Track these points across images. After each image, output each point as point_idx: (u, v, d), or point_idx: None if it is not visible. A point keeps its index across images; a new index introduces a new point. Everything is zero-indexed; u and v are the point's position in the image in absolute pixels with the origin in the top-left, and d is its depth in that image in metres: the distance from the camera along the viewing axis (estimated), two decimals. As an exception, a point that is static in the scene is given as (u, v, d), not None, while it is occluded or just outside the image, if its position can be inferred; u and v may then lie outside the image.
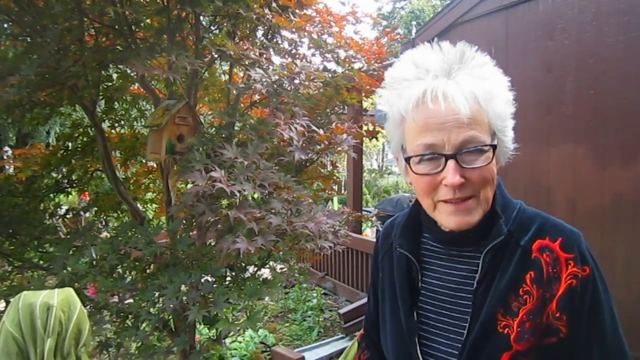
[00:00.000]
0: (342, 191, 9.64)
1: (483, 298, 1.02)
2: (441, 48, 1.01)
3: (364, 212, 6.56)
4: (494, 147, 0.98)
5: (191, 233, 2.49)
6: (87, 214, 3.48)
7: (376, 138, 3.81)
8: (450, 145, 0.95)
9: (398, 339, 1.15)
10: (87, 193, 3.74)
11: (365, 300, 4.93)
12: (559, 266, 0.98)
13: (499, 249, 1.02)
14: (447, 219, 1.02)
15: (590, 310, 0.97)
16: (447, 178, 0.96)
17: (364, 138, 3.74)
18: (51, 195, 3.26)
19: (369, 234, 9.28)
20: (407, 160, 1.02)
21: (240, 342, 4.86)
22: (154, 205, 3.81)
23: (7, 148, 10.30)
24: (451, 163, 0.95)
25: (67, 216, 3.35)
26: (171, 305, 2.04)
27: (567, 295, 0.96)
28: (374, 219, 4.42)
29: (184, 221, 2.46)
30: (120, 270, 2.43)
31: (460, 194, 0.97)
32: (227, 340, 4.73)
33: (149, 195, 3.67)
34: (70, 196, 3.54)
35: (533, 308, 0.97)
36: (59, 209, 3.37)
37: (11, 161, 3.47)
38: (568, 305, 0.96)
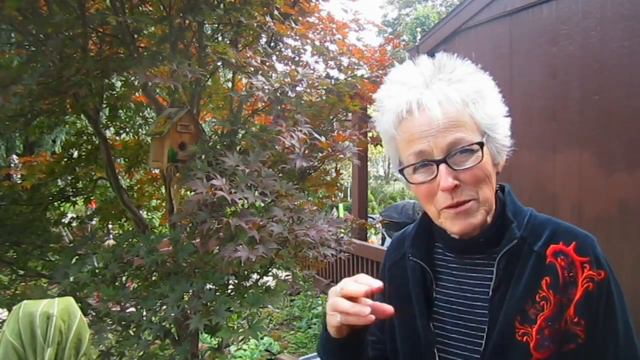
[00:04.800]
0: (348, 198, 9.63)
1: (499, 306, 1.01)
2: (419, 62, 1.04)
3: (369, 219, 6.55)
4: (482, 144, 0.98)
5: (195, 241, 2.48)
6: (94, 222, 3.49)
7: (381, 145, 3.79)
8: (438, 150, 0.97)
9: (413, 350, 1.14)
10: (93, 201, 3.74)
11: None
12: (575, 270, 0.97)
13: (513, 255, 1.01)
14: (451, 224, 1.02)
15: (606, 314, 0.97)
16: (441, 183, 0.97)
17: (369, 145, 3.73)
18: (55, 203, 3.27)
19: (375, 240, 9.26)
20: (401, 172, 1.04)
21: (245, 350, 4.85)
22: (159, 213, 3.82)
23: (14, 156, 10.35)
24: (442, 167, 0.96)
25: (72, 224, 3.35)
26: (172, 314, 2.04)
27: (585, 299, 0.95)
28: (378, 225, 4.41)
29: (187, 229, 2.46)
30: (123, 279, 2.43)
31: (457, 198, 0.98)
32: (232, 348, 4.71)
33: (154, 202, 3.67)
34: (76, 205, 3.55)
35: (551, 314, 0.96)
36: (63, 218, 3.37)
37: (17, 169, 3.49)
38: (586, 309, 0.95)
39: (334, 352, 1.11)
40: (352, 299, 0.92)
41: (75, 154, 3.30)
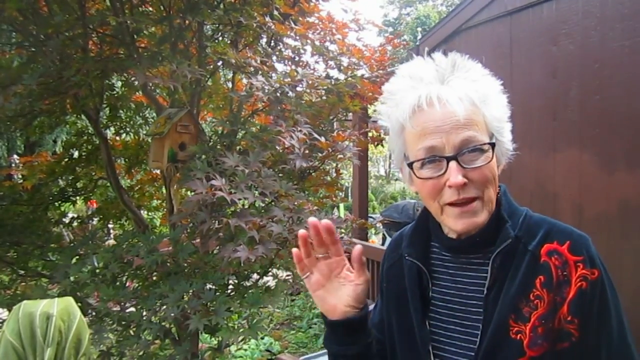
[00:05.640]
0: (349, 198, 9.62)
1: (494, 304, 1.02)
2: (434, 59, 1.04)
3: (370, 219, 6.54)
4: (493, 145, 0.99)
5: (195, 241, 2.48)
6: (94, 222, 3.49)
7: (381, 144, 3.79)
8: (450, 146, 0.97)
9: (409, 349, 1.14)
10: (94, 201, 3.75)
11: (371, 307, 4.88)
12: (569, 269, 0.98)
13: (508, 254, 1.02)
14: (454, 222, 1.02)
15: (599, 313, 0.97)
16: (450, 179, 0.97)
17: (369, 144, 3.72)
18: (56, 203, 3.27)
19: (376, 240, 9.24)
20: (410, 165, 1.04)
21: (245, 350, 4.85)
22: (159, 213, 3.82)
23: (15, 156, 10.36)
24: (453, 164, 0.97)
25: (73, 224, 3.35)
26: (172, 314, 2.04)
27: (578, 298, 0.96)
28: (379, 225, 4.41)
29: (187, 229, 2.46)
30: (123, 279, 2.44)
31: (464, 194, 0.98)
32: (232, 348, 4.72)
33: (155, 202, 3.67)
34: (77, 204, 3.55)
35: (545, 312, 0.97)
36: (64, 218, 3.37)
37: (18, 169, 3.49)
38: (579, 308, 0.96)
39: (329, 335, 1.14)
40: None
41: (76, 154, 3.31)
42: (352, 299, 1.07)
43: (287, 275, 2.96)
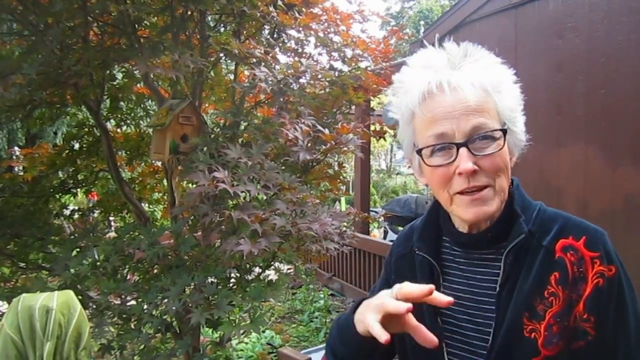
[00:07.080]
0: (350, 192, 9.61)
1: (507, 302, 0.99)
2: (445, 47, 1.02)
3: (371, 213, 6.53)
4: (505, 132, 0.97)
5: (196, 234, 2.46)
6: (95, 215, 3.47)
7: (384, 138, 3.77)
8: (460, 133, 0.95)
9: (421, 346, 1.11)
10: (95, 193, 3.73)
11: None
12: (585, 265, 0.95)
13: (521, 250, 1.00)
14: (464, 211, 1.00)
15: (616, 311, 0.95)
16: (460, 166, 0.95)
17: (371, 138, 3.70)
18: (56, 195, 3.25)
19: (377, 234, 9.23)
20: (419, 152, 1.01)
21: (246, 344, 4.84)
22: (160, 206, 3.80)
23: (16, 148, 10.34)
24: (463, 151, 0.95)
25: (74, 217, 3.33)
26: (174, 308, 2.02)
27: (595, 295, 0.93)
28: (380, 219, 4.39)
29: (189, 222, 2.44)
30: (124, 272, 2.42)
31: (474, 182, 0.96)
32: (234, 342, 4.71)
33: (156, 195, 3.65)
34: (78, 196, 3.53)
35: (560, 310, 0.94)
36: (65, 210, 3.35)
37: (18, 161, 3.47)
38: (595, 306, 0.93)
39: (352, 344, 1.02)
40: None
41: (77, 146, 3.28)
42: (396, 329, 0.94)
43: (289, 269, 2.94)
